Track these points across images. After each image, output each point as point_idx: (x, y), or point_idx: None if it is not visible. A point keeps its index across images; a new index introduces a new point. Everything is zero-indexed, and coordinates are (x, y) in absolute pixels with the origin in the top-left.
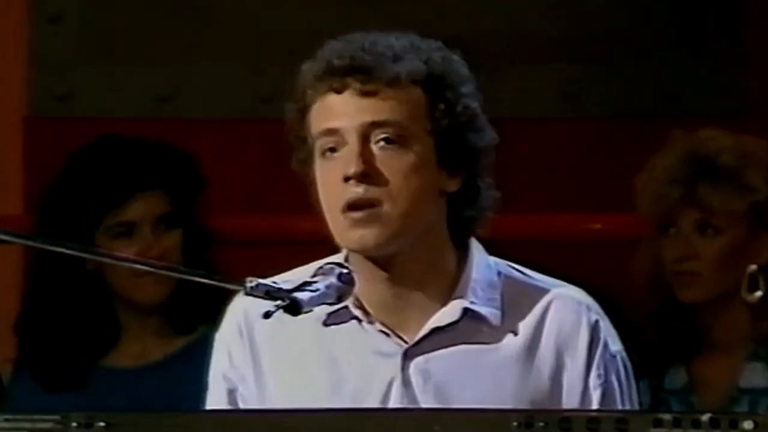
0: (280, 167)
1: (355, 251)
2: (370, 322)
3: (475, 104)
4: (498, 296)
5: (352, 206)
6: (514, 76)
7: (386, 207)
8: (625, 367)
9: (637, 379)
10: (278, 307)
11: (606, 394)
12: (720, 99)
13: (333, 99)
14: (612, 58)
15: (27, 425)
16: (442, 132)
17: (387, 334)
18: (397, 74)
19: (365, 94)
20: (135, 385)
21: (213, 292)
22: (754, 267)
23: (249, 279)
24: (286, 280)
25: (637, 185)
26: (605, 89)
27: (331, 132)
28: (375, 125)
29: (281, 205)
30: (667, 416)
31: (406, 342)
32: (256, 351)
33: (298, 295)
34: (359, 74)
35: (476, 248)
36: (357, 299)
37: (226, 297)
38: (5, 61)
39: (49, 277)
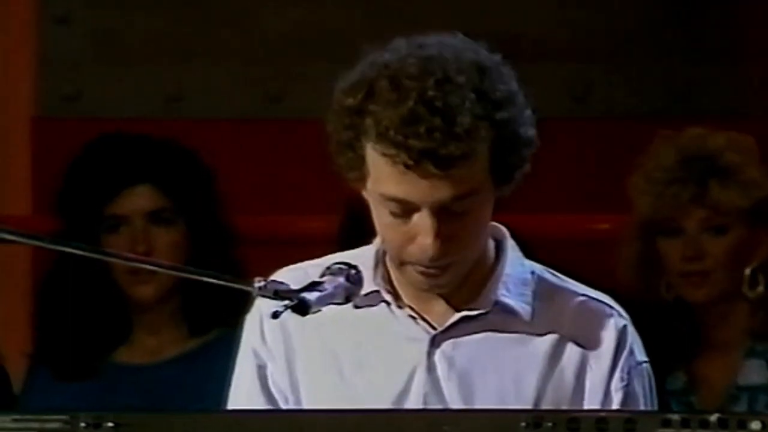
0: (288, 167)
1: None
2: (399, 307)
3: (533, 131)
4: (530, 293)
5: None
6: (520, 76)
7: (458, 266)
8: (649, 378)
9: None
10: (286, 307)
11: (627, 398)
12: (722, 99)
13: (403, 169)
14: (618, 58)
15: (35, 425)
16: (502, 171)
17: (415, 319)
18: (473, 150)
19: (442, 175)
20: (149, 382)
21: (227, 292)
22: (754, 264)
23: (257, 279)
24: (314, 264)
25: (633, 188)
26: (611, 89)
27: (400, 200)
28: (452, 200)
29: (289, 205)
30: (675, 416)
31: (434, 328)
32: (287, 331)
33: (306, 295)
34: (437, 161)
35: (511, 247)
36: (390, 284)
37: (241, 298)
38: (13, 62)
39: (65, 268)
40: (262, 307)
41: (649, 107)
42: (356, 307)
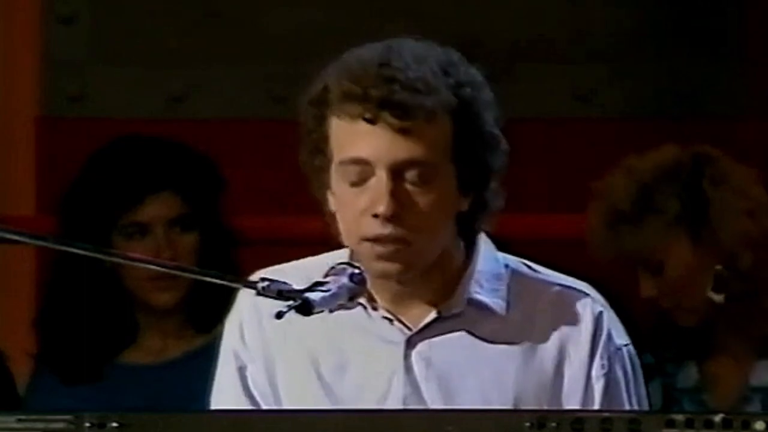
0: (293, 168)
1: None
2: (375, 309)
3: (497, 130)
4: (504, 288)
5: (376, 240)
6: (525, 76)
7: (412, 245)
8: (631, 360)
9: (650, 378)
10: (290, 308)
11: (609, 385)
12: (724, 100)
13: (364, 127)
14: (621, 58)
15: (40, 425)
16: (464, 159)
17: (391, 321)
18: (433, 110)
19: (400, 130)
20: (154, 382)
21: (233, 292)
22: (719, 267)
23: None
24: (298, 266)
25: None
26: (615, 90)
27: (359, 161)
28: (408, 163)
29: (294, 205)
30: (679, 417)
31: (409, 329)
32: (265, 334)
33: (310, 295)
34: (396, 110)
35: (484, 242)
36: None
37: None
38: (18, 62)
39: (69, 273)
40: (238, 315)
41: (653, 108)
42: (331, 310)
